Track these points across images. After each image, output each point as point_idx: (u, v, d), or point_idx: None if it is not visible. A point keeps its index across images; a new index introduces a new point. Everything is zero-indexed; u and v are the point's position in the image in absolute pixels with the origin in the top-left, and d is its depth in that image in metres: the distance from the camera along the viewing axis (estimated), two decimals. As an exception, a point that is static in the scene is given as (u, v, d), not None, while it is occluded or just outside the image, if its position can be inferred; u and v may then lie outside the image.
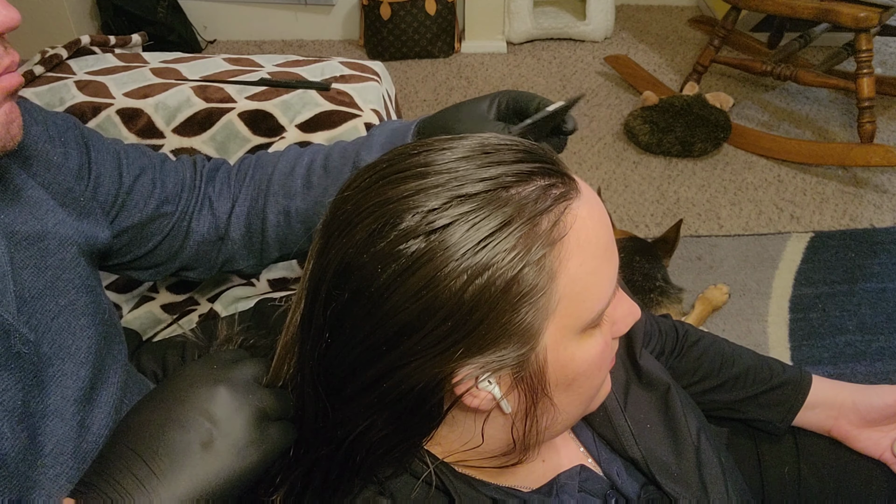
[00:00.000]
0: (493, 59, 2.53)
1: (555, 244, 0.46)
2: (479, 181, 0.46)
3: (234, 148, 1.04)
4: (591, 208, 0.49)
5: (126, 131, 1.01)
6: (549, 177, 0.47)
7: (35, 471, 0.54)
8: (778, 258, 1.74)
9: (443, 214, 0.44)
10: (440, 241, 0.44)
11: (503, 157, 0.47)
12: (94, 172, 0.69)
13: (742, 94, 2.31)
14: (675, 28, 2.70)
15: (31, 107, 0.66)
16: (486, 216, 0.44)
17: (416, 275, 0.44)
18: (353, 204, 0.48)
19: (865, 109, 1.89)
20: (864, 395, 0.77)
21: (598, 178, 1.99)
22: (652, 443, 0.64)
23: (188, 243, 0.79)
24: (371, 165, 0.50)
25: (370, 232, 0.46)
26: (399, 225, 0.45)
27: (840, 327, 1.56)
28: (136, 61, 1.11)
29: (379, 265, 0.45)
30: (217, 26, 2.61)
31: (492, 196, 0.45)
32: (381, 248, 0.45)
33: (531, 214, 0.45)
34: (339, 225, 0.48)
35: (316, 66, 1.11)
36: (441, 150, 0.48)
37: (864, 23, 1.79)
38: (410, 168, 0.47)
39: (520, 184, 0.46)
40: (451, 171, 0.46)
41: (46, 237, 0.60)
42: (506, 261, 0.44)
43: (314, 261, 0.50)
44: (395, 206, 0.45)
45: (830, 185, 1.96)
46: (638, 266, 1.46)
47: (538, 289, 0.45)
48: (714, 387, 0.80)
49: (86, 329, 0.61)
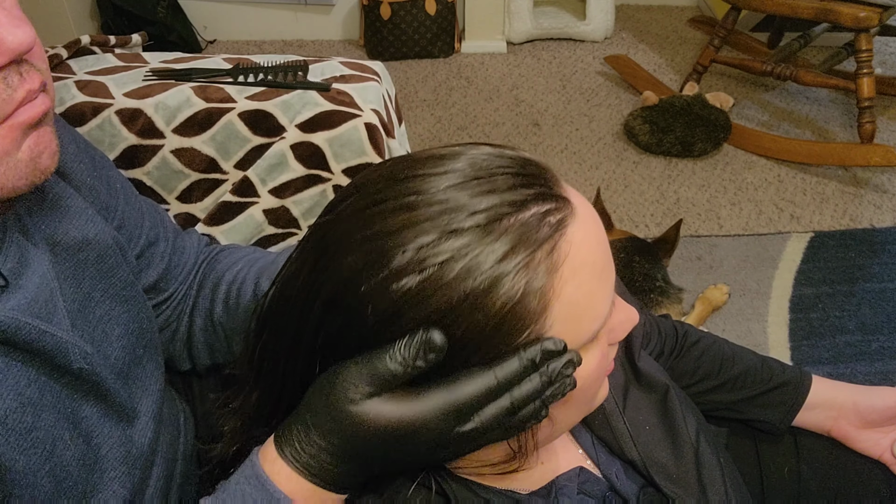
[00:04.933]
0: (493, 59, 2.53)
1: (552, 273, 0.45)
2: (471, 214, 0.44)
3: (234, 148, 1.04)
4: (587, 229, 0.47)
5: (126, 131, 1.01)
6: (545, 201, 0.46)
7: (94, 474, 0.55)
8: (778, 258, 1.74)
9: (435, 251, 0.43)
10: (433, 278, 0.43)
11: (496, 184, 0.45)
12: (118, 218, 0.68)
13: (742, 94, 2.31)
14: (675, 28, 2.70)
15: (74, 134, 0.65)
16: (479, 252, 0.43)
17: (408, 314, 0.43)
18: (340, 232, 0.46)
19: (865, 109, 1.89)
20: (865, 395, 0.77)
21: (598, 178, 1.99)
22: (650, 444, 0.64)
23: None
24: (359, 185, 0.48)
25: (358, 269, 0.44)
26: (389, 264, 0.43)
27: (840, 327, 1.56)
28: (136, 61, 1.11)
29: (370, 304, 0.44)
30: (217, 26, 2.60)
31: (485, 230, 0.44)
32: (372, 286, 0.44)
33: (527, 247, 0.44)
34: (326, 254, 0.46)
35: (316, 65, 1.11)
36: (430, 177, 0.46)
37: (864, 23, 1.79)
38: (399, 197, 0.45)
39: (514, 214, 0.44)
40: (442, 202, 0.44)
41: (87, 247, 0.59)
42: (501, 295, 0.43)
43: (298, 285, 0.49)
44: (383, 243, 0.44)
45: (830, 185, 1.96)
46: (638, 266, 1.46)
47: (535, 317, 0.45)
48: (714, 387, 0.80)
49: (121, 339, 0.61)
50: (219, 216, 1.08)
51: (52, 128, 0.50)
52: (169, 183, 1.06)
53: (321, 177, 1.06)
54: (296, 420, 0.48)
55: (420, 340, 0.43)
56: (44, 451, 0.50)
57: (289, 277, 0.50)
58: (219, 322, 0.75)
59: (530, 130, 2.18)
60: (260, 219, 1.09)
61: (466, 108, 2.27)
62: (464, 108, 2.28)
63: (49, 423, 0.51)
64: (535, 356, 0.44)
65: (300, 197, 1.08)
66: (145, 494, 0.63)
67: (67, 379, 0.53)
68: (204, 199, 1.09)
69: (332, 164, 1.05)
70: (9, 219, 0.53)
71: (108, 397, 0.57)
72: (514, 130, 2.18)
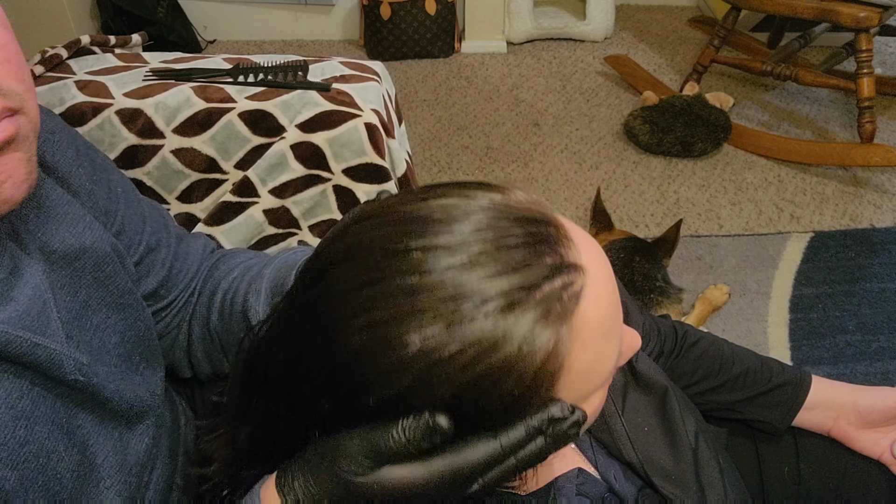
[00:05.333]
0: (493, 59, 2.53)
1: (567, 355, 0.43)
2: (481, 303, 0.40)
3: (234, 148, 1.04)
4: (599, 292, 0.45)
5: (126, 131, 1.01)
6: (557, 274, 0.43)
7: (89, 484, 0.54)
8: (778, 258, 1.74)
9: (443, 342, 0.40)
10: (440, 368, 0.41)
11: (505, 262, 0.42)
12: (117, 224, 0.67)
13: (742, 94, 2.31)
14: (675, 28, 2.70)
15: (75, 138, 0.64)
16: (490, 342, 0.40)
17: (413, 401, 0.42)
18: (337, 311, 0.43)
19: (865, 109, 1.89)
20: (865, 396, 0.77)
21: (598, 178, 1.99)
22: (649, 446, 0.64)
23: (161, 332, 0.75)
24: (350, 251, 0.44)
25: (359, 358, 0.42)
26: (393, 355, 0.41)
27: (840, 327, 1.56)
28: (136, 61, 1.11)
29: (372, 392, 0.42)
30: (217, 26, 2.60)
31: (496, 318, 0.40)
32: (375, 376, 0.42)
33: (540, 334, 0.41)
34: (322, 332, 0.44)
35: (316, 65, 1.11)
36: (431, 252, 0.42)
37: (864, 23, 1.79)
38: (398, 275, 0.41)
39: (527, 298, 0.41)
40: (447, 286, 0.41)
41: (84, 255, 0.58)
42: (513, 380, 0.41)
43: (291, 356, 0.47)
44: (386, 332, 0.41)
45: (830, 185, 1.96)
46: (638, 266, 1.46)
47: (545, 392, 0.43)
48: (714, 387, 0.80)
49: (118, 347, 0.60)
50: (219, 216, 1.08)
51: (24, 154, 0.47)
52: (169, 183, 1.06)
53: (321, 177, 1.06)
54: (299, 472, 0.47)
55: (426, 424, 0.41)
56: (37, 465, 0.49)
57: (280, 339, 0.48)
58: (214, 331, 0.74)
59: (530, 130, 2.18)
60: (260, 219, 1.09)
61: (466, 108, 2.27)
62: (464, 108, 2.28)
63: (42, 436, 0.50)
64: (541, 424, 0.43)
65: (300, 197, 1.08)
66: (145, 498, 0.62)
67: (62, 390, 0.53)
68: (204, 199, 1.09)
69: (332, 164, 1.05)
70: (2, 228, 0.51)
71: (104, 406, 0.57)
72: (514, 130, 2.18)
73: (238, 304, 0.71)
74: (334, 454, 0.45)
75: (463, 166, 2.03)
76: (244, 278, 0.73)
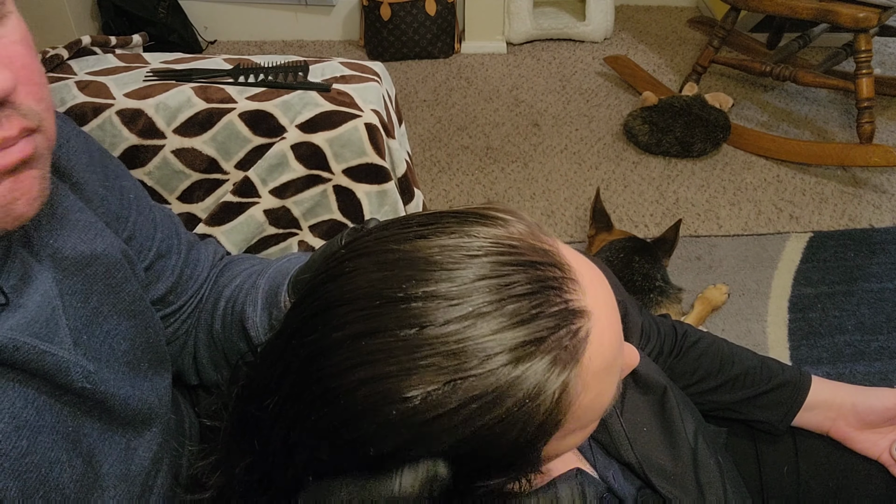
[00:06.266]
0: (493, 60, 2.53)
1: (573, 402, 0.42)
2: (486, 359, 0.39)
3: (234, 148, 1.04)
4: (602, 331, 0.43)
5: (127, 132, 1.01)
6: (563, 323, 0.41)
7: (93, 493, 0.54)
8: (777, 258, 1.74)
9: (446, 398, 0.39)
10: (442, 422, 0.39)
11: (509, 314, 0.40)
12: (129, 229, 0.67)
13: (741, 95, 2.32)
14: (674, 28, 2.70)
15: (89, 143, 0.64)
16: (493, 397, 0.39)
17: (413, 452, 0.41)
18: (334, 363, 0.41)
19: (865, 110, 1.90)
20: (864, 397, 0.77)
21: (597, 178, 1.99)
22: (648, 446, 0.64)
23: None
24: (346, 298, 0.42)
25: (358, 413, 0.40)
26: (393, 411, 0.40)
27: (839, 327, 1.57)
28: (136, 62, 1.11)
29: (371, 443, 0.41)
30: (217, 27, 2.61)
31: (499, 377, 0.39)
32: (374, 429, 0.40)
33: (546, 387, 0.40)
34: (318, 384, 0.42)
35: (316, 66, 1.12)
36: (430, 301, 0.40)
37: (863, 23, 1.79)
38: (397, 327, 0.40)
39: (534, 352, 0.40)
40: (449, 341, 0.39)
41: (96, 261, 0.58)
42: (516, 431, 0.41)
43: (285, 405, 0.45)
44: (386, 387, 0.40)
45: (830, 185, 1.96)
46: (637, 266, 1.46)
47: (548, 435, 0.43)
48: (713, 387, 0.80)
49: (127, 354, 0.60)
50: (220, 216, 1.08)
51: (38, 171, 0.47)
52: (170, 183, 1.06)
53: (322, 177, 1.06)
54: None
55: (426, 475, 0.40)
56: (38, 476, 0.49)
57: (278, 385, 0.46)
58: (218, 339, 0.73)
59: (530, 131, 2.18)
60: (261, 219, 1.09)
61: (466, 109, 2.28)
62: (464, 108, 2.28)
63: (46, 446, 0.50)
64: None
65: (301, 197, 1.08)
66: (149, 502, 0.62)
67: (69, 398, 0.52)
68: (205, 200, 1.09)
69: (333, 164, 1.05)
70: (14, 234, 0.51)
71: (112, 413, 0.56)
72: (514, 130, 2.18)
73: (237, 314, 0.71)
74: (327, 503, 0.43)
75: (463, 166, 2.03)
76: (244, 287, 0.73)
